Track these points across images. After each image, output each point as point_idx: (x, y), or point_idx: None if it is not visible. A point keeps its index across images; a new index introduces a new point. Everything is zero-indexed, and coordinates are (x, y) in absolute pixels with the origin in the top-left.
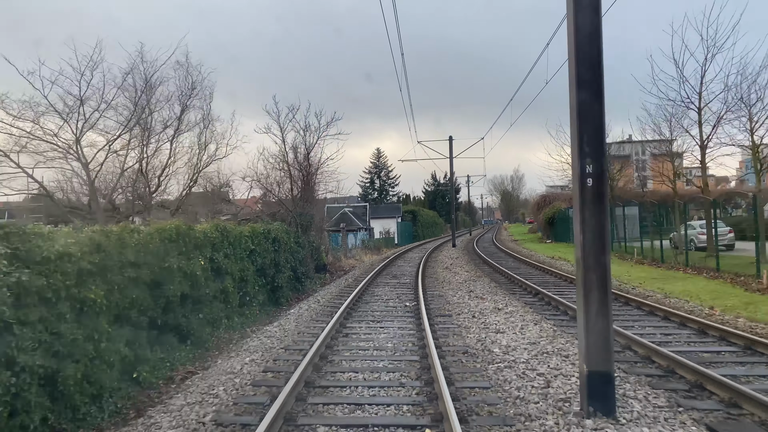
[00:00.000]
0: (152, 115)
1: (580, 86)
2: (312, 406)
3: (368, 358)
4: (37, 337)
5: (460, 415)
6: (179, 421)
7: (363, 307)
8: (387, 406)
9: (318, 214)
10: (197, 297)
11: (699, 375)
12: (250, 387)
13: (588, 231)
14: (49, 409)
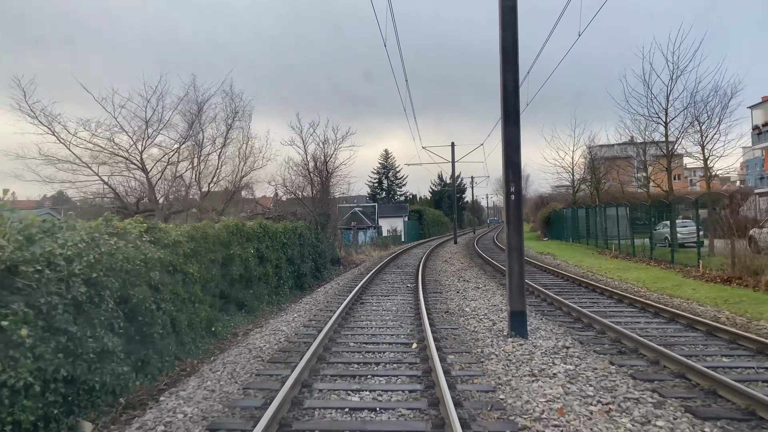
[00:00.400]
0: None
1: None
2: (343, 335)
3: (378, 314)
4: (168, 296)
5: (435, 340)
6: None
7: (373, 288)
8: (391, 336)
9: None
10: (248, 277)
11: (593, 320)
12: (303, 328)
13: (511, 224)
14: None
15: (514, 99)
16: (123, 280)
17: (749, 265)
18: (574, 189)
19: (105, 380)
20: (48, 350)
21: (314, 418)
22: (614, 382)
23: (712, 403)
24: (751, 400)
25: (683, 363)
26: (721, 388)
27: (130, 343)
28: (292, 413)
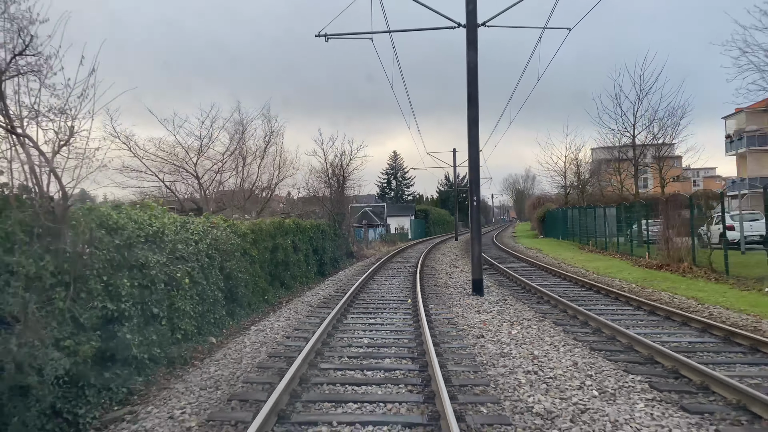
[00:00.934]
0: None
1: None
2: (361, 297)
3: (385, 287)
4: (241, 268)
5: (423, 298)
6: (295, 313)
7: (382, 271)
8: (394, 296)
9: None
10: (287, 262)
11: (533, 288)
12: (333, 292)
13: (473, 223)
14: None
15: (475, 130)
16: (222, 256)
17: (675, 255)
18: (566, 191)
19: (216, 318)
20: (194, 294)
21: (348, 327)
22: (524, 314)
23: (574, 322)
24: (597, 321)
25: (570, 305)
26: (581, 314)
27: (226, 298)
28: (336, 326)
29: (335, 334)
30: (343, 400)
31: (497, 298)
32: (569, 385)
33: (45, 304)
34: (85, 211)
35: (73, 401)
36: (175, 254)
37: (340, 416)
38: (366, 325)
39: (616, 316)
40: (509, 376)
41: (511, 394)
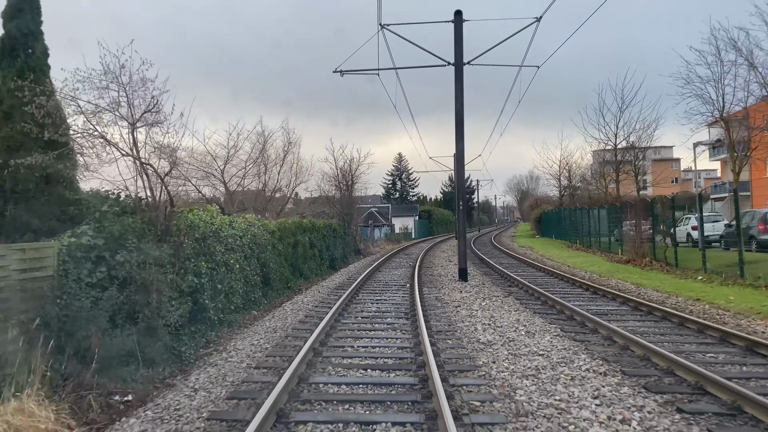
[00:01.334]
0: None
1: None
2: (369, 283)
3: (389, 275)
4: (271, 259)
5: (419, 284)
6: (313, 304)
7: (386, 265)
8: (395, 282)
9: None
10: (305, 256)
11: (510, 276)
12: (345, 280)
13: (460, 223)
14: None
15: (461, 146)
16: (258, 249)
17: (640, 251)
18: (560, 194)
19: (256, 297)
20: (241, 277)
21: (360, 301)
22: (495, 294)
23: (531, 299)
24: (547, 298)
25: (534, 288)
26: (539, 294)
27: (262, 282)
28: (350, 301)
29: (350, 306)
30: (359, 337)
31: (478, 283)
32: (508, 330)
33: (163, 275)
34: (179, 214)
35: (177, 342)
36: (228, 246)
37: (357, 344)
38: (373, 300)
39: (566, 295)
40: (470, 326)
41: (469, 334)
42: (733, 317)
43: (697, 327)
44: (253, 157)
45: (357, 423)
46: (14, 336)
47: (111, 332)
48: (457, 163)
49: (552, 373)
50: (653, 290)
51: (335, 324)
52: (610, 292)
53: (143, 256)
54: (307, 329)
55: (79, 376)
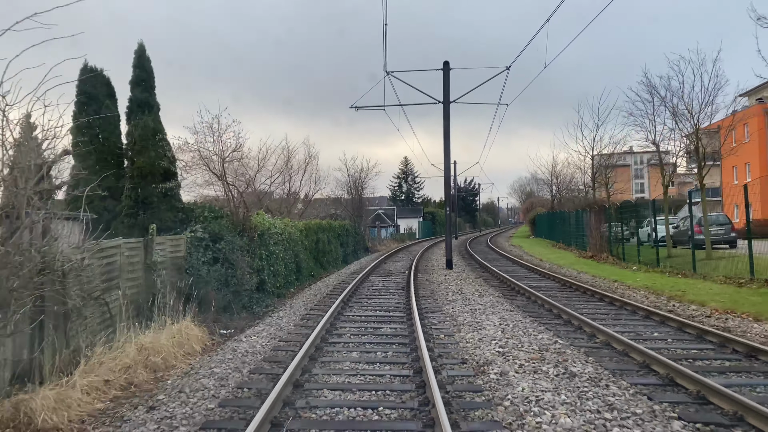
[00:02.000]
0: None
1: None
2: (376, 270)
3: (392, 265)
4: (301, 251)
5: (415, 270)
6: (336, 282)
7: (390, 259)
8: (397, 269)
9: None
10: (324, 250)
11: (487, 267)
12: (357, 269)
13: (447, 224)
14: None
15: (448, 163)
16: (292, 243)
17: (600, 248)
18: (552, 198)
19: (291, 280)
20: (283, 264)
21: (370, 281)
22: (470, 277)
23: (495, 280)
24: (506, 279)
25: (500, 273)
26: (502, 277)
27: (295, 269)
28: (362, 281)
29: (363, 284)
30: (371, 298)
31: (460, 270)
32: (467, 294)
33: (238, 256)
34: (250, 216)
35: (250, 304)
36: (274, 240)
37: (370, 302)
38: (379, 281)
39: (522, 278)
40: (444, 293)
41: (442, 297)
42: (627, 289)
43: (592, 293)
44: (279, 168)
45: (373, 328)
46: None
47: (217, 292)
48: (446, 179)
49: (482, 312)
50: (590, 276)
51: (353, 293)
52: (555, 277)
53: (232, 244)
54: (336, 294)
55: (205, 315)
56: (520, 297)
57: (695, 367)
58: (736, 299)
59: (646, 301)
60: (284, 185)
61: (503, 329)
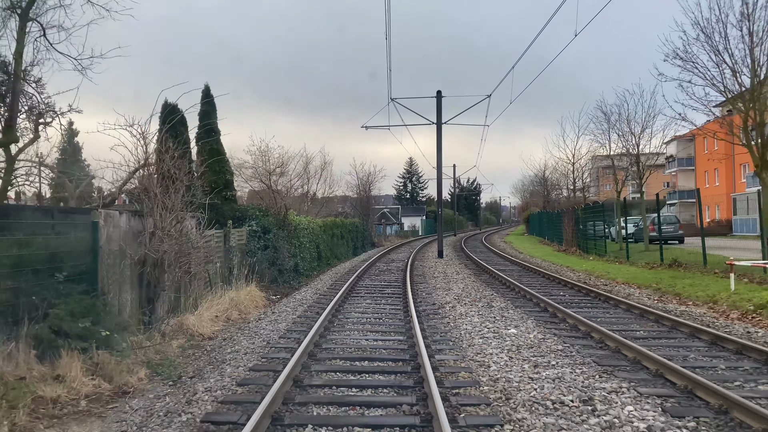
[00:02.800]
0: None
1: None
2: (382, 259)
3: (396, 255)
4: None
5: (412, 260)
6: (350, 266)
7: (394, 251)
8: (398, 258)
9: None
10: (337, 243)
11: (473, 258)
12: (367, 257)
13: (438, 224)
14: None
15: (440, 174)
16: (314, 236)
17: (571, 243)
18: (544, 198)
19: (313, 266)
20: (307, 252)
21: (375, 266)
22: (456, 264)
23: (475, 267)
24: (483, 266)
25: (480, 262)
26: (481, 265)
27: (318, 257)
28: (370, 265)
29: (371, 268)
30: (377, 276)
31: (449, 260)
32: (449, 274)
33: (282, 244)
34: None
35: (289, 279)
36: (302, 234)
37: (376, 278)
38: (384, 265)
39: (497, 265)
40: (431, 273)
41: (429, 275)
42: (569, 271)
43: (541, 274)
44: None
45: (379, 291)
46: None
47: (268, 269)
48: (438, 190)
49: (454, 282)
50: (550, 263)
51: (364, 273)
52: (522, 264)
53: (277, 235)
54: (351, 273)
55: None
56: (485, 275)
57: (565, 303)
58: (637, 276)
59: (575, 277)
60: (302, 188)
61: (463, 289)
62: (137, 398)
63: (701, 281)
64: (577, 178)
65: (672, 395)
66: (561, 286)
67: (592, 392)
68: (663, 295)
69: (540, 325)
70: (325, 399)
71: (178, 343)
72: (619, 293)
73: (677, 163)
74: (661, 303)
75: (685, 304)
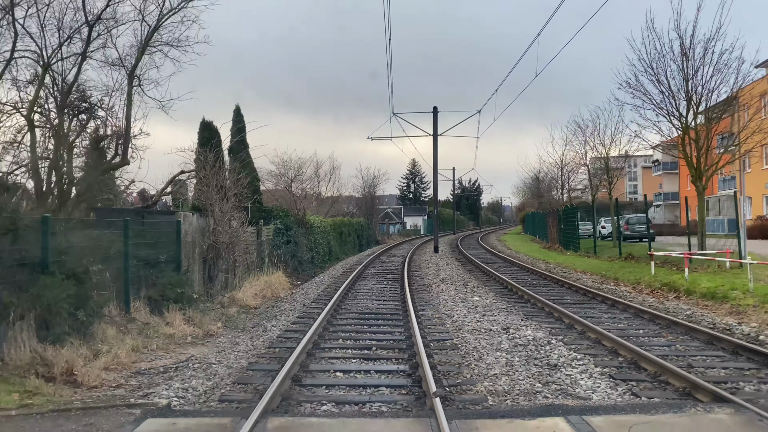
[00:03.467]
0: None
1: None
2: (384, 254)
3: (397, 250)
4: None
5: (411, 254)
6: (357, 260)
7: (396, 247)
8: (399, 253)
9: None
10: (345, 240)
11: (464, 253)
12: (371, 251)
13: (436, 225)
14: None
15: (436, 182)
16: (326, 233)
17: (555, 240)
18: (537, 199)
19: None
20: (321, 247)
21: (379, 259)
22: (449, 258)
23: (463, 260)
24: (471, 259)
25: (468, 256)
26: (467, 257)
27: (329, 251)
28: (375, 258)
29: (375, 261)
30: (381, 266)
31: (443, 254)
32: (440, 265)
33: (301, 239)
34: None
35: (306, 270)
36: (317, 231)
37: (380, 268)
38: (386, 259)
39: (483, 258)
40: (426, 265)
41: (424, 266)
42: (544, 263)
43: (519, 265)
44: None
45: (382, 276)
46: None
47: (290, 260)
48: (435, 190)
49: (443, 270)
50: (532, 257)
51: (369, 264)
52: (506, 258)
53: (297, 232)
54: (359, 264)
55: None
56: (470, 266)
57: (524, 284)
58: (595, 266)
59: (544, 267)
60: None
61: (448, 275)
62: (221, 338)
63: (639, 269)
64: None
65: (560, 328)
66: (528, 274)
67: (510, 326)
68: (605, 279)
69: (498, 296)
70: (347, 330)
71: (233, 310)
72: (571, 278)
73: (662, 167)
74: (600, 284)
75: (618, 284)
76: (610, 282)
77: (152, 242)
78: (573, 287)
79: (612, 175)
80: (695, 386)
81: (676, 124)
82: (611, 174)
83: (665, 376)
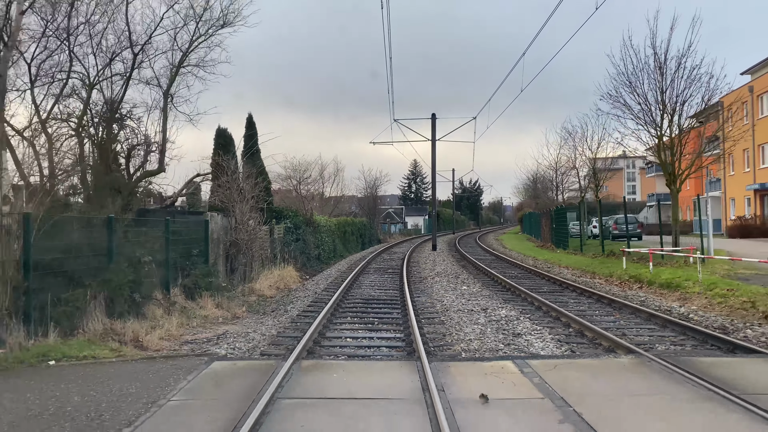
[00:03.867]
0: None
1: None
2: (386, 251)
3: (397, 249)
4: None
5: (410, 252)
6: (360, 257)
7: (397, 246)
8: (399, 250)
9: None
10: (349, 239)
11: (459, 250)
12: (373, 249)
13: (434, 225)
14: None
15: (434, 185)
16: (330, 232)
17: (547, 239)
18: (534, 200)
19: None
20: (327, 244)
21: (381, 256)
22: (446, 255)
23: (458, 256)
24: (464, 255)
25: (464, 254)
26: (462, 254)
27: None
28: (377, 255)
29: (377, 257)
30: (383, 261)
31: (440, 251)
32: (437, 261)
33: (309, 237)
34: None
35: (313, 265)
36: (323, 230)
37: (381, 263)
38: (387, 256)
39: (477, 255)
40: (424, 261)
41: (422, 262)
42: (533, 260)
43: (508, 261)
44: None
45: (384, 270)
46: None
47: (299, 256)
48: (433, 192)
49: (438, 264)
50: (524, 255)
51: (371, 260)
52: (499, 256)
53: (305, 231)
54: (362, 260)
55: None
56: (464, 262)
57: (509, 277)
58: (578, 262)
59: (532, 263)
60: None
61: (443, 269)
62: (247, 319)
63: (616, 264)
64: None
65: (530, 309)
66: (516, 268)
67: (488, 307)
68: (583, 273)
69: (484, 286)
70: (354, 311)
71: (253, 298)
72: (554, 272)
73: (655, 169)
74: (577, 277)
75: (593, 277)
76: (587, 275)
77: (186, 239)
78: (552, 279)
79: (599, 178)
80: (617, 345)
81: (653, 133)
82: (598, 177)
83: (599, 340)
